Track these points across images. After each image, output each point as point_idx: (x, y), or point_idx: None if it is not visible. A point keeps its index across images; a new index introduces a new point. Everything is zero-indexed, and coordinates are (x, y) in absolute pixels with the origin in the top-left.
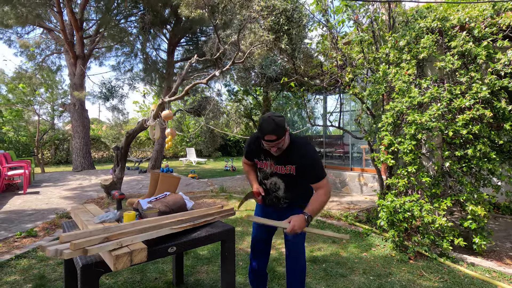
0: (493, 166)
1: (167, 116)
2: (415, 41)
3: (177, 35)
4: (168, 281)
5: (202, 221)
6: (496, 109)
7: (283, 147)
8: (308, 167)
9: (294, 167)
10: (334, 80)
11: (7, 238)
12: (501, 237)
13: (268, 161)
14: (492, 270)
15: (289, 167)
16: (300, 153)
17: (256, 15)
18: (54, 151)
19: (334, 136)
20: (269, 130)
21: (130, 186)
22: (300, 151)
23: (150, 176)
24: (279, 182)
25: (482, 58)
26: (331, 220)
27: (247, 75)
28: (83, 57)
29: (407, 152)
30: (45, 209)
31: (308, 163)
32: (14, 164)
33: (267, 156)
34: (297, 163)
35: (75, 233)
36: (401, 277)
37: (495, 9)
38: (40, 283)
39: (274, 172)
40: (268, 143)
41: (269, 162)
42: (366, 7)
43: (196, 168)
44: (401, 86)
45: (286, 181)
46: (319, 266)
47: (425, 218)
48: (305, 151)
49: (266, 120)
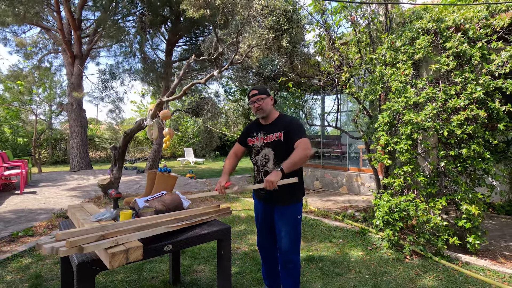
0: (487, 166)
1: (165, 116)
2: (411, 42)
3: (175, 35)
4: (165, 280)
5: (198, 220)
6: (491, 110)
7: (265, 108)
8: (293, 130)
9: (282, 133)
10: (331, 80)
11: (3, 237)
12: (495, 236)
13: (259, 135)
14: (486, 268)
15: (277, 134)
16: (286, 121)
17: (256, 14)
18: (52, 151)
19: (332, 136)
20: (253, 87)
21: (127, 186)
22: (286, 120)
23: (147, 175)
24: (268, 153)
25: (477, 59)
26: (328, 220)
27: (244, 74)
28: (81, 57)
29: (403, 151)
30: (42, 208)
31: (294, 127)
32: (11, 164)
33: (258, 131)
34: (284, 129)
35: (71, 231)
36: (397, 276)
37: (489, 10)
38: (37, 282)
39: (265, 143)
40: (252, 99)
41: (259, 136)
42: (364, 9)
43: (194, 168)
44: (397, 86)
45: (275, 149)
46: (315, 265)
47: (420, 217)
48: (291, 119)
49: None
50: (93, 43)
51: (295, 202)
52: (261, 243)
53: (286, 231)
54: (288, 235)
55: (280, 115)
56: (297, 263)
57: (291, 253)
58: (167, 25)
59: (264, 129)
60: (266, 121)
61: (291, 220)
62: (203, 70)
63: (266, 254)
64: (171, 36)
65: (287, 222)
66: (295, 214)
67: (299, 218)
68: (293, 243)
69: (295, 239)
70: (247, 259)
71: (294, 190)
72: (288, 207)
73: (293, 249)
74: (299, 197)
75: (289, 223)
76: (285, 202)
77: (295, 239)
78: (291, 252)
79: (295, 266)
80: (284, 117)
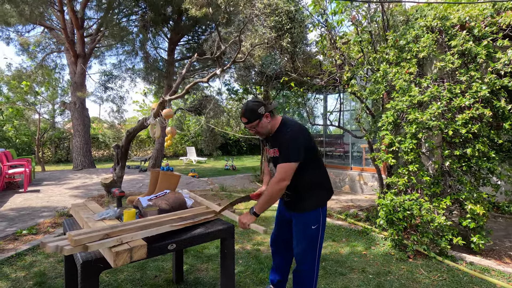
0: (492, 165)
1: (168, 114)
2: (415, 40)
3: (178, 33)
4: (168, 279)
5: (202, 219)
6: (496, 108)
7: (262, 131)
8: (281, 151)
9: (278, 150)
10: (333, 80)
11: (8, 235)
12: (500, 236)
13: (267, 145)
14: (491, 268)
15: (275, 149)
16: (281, 135)
17: (259, 12)
18: (55, 149)
19: (334, 136)
20: (241, 113)
21: (130, 184)
22: (281, 134)
23: (150, 174)
24: (272, 168)
25: (482, 57)
26: (331, 219)
27: (247, 73)
28: (84, 56)
29: (408, 151)
30: (45, 207)
31: (283, 147)
32: (15, 163)
33: (267, 141)
34: (277, 146)
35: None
36: (400, 276)
37: (495, 8)
38: (41, 280)
39: (269, 156)
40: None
41: (267, 146)
42: (364, 8)
43: (196, 167)
44: (402, 85)
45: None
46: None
47: (424, 217)
48: (285, 132)
49: (244, 104)
50: (95, 42)
51: (308, 210)
52: (272, 238)
53: (298, 239)
54: (299, 244)
55: (281, 125)
56: (305, 273)
57: (299, 263)
58: (170, 24)
59: (269, 140)
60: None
61: (302, 228)
62: (206, 69)
63: (274, 249)
64: (174, 35)
65: (299, 230)
66: (309, 223)
67: (313, 228)
68: (304, 252)
69: (307, 248)
70: (250, 258)
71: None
72: (302, 215)
73: (302, 259)
74: (310, 206)
75: (301, 231)
76: (298, 209)
77: (306, 248)
78: (299, 262)
79: (303, 275)
80: (282, 128)
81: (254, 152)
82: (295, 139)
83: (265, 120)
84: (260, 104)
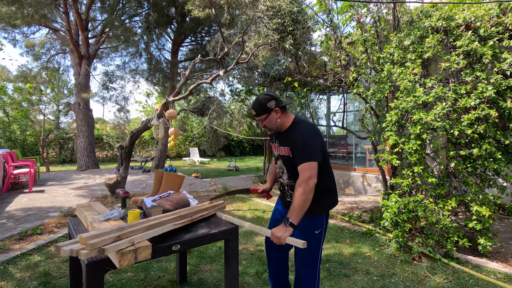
0: (498, 166)
1: (171, 115)
2: (419, 40)
3: (181, 35)
4: (172, 279)
5: (199, 216)
6: (502, 109)
7: (270, 126)
8: (297, 150)
9: (289, 148)
10: (337, 80)
11: (13, 235)
12: (506, 239)
13: (276, 142)
14: (497, 271)
15: (286, 148)
16: (294, 135)
17: (262, 14)
18: (59, 150)
19: (338, 136)
20: (252, 106)
21: (134, 185)
22: (295, 133)
23: (154, 175)
24: (282, 165)
25: (488, 58)
26: (334, 220)
27: (250, 74)
28: (88, 57)
29: (412, 152)
30: (50, 207)
31: (298, 146)
32: (20, 163)
33: (276, 138)
34: (290, 145)
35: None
36: (405, 278)
37: (501, 8)
38: (46, 280)
39: (278, 154)
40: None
41: (276, 143)
42: (369, 7)
43: (199, 168)
44: (406, 85)
45: (286, 164)
46: (322, 266)
47: (429, 218)
48: (299, 131)
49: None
50: (100, 43)
51: (314, 214)
52: (267, 240)
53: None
54: (298, 248)
55: (293, 123)
56: (306, 276)
57: (298, 267)
58: (173, 25)
59: (279, 138)
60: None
61: (305, 232)
62: (209, 70)
63: (268, 251)
64: (177, 36)
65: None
66: (312, 228)
67: (317, 233)
68: (304, 256)
69: (308, 252)
70: (254, 259)
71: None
72: (307, 218)
73: (301, 264)
74: (317, 210)
75: (303, 235)
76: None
77: (307, 252)
78: (299, 266)
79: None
80: (295, 127)
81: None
82: (306, 138)
83: (274, 115)
84: (271, 98)
